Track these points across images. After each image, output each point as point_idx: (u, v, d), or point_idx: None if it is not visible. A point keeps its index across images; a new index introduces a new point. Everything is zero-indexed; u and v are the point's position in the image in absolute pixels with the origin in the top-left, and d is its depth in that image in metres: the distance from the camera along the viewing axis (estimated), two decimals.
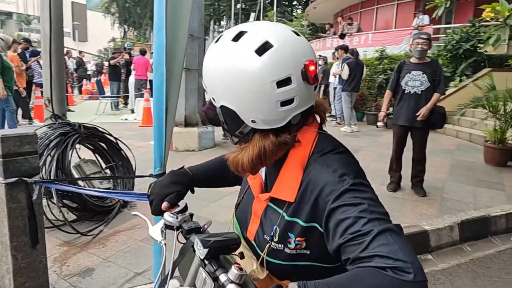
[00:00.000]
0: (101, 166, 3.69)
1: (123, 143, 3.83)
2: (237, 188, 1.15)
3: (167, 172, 2.05)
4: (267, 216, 0.92)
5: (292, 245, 0.86)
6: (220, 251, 0.78)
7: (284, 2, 37.24)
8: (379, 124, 4.58)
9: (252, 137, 0.87)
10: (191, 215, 0.95)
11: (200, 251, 0.76)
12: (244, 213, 1.02)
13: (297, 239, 0.85)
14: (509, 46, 8.33)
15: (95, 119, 8.92)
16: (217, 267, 0.75)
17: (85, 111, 10.63)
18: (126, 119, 9.78)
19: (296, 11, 37.45)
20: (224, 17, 37.17)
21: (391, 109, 4.57)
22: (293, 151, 0.88)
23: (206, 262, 0.76)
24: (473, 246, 3.43)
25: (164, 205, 0.98)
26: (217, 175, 1.17)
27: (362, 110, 9.63)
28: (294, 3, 39.07)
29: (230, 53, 0.81)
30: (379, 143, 6.96)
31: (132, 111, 10.55)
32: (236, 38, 0.81)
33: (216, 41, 0.86)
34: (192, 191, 1.11)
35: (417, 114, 4.00)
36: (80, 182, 3.44)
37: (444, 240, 3.41)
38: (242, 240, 0.96)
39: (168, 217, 0.91)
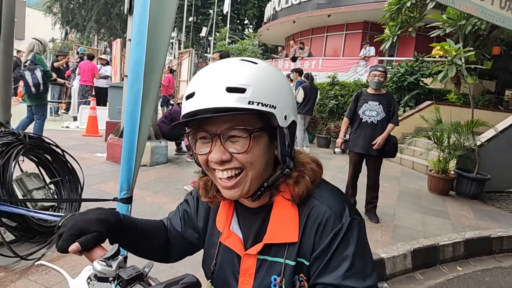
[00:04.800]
0: (45, 180, 3.33)
1: (71, 156, 3.50)
2: None
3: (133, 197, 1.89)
4: (261, 270, 0.84)
5: (297, 285, 0.82)
6: None
7: (236, 20, 37.77)
8: (336, 150, 4.67)
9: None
10: (125, 258, 0.75)
11: None
12: (224, 279, 0.91)
13: (301, 275, 0.82)
14: (446, 82, 9.06)
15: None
16: None
17: (21, 115, 9.73)
18: (67, 127, 9.12)
19: (248, 30, 38.19)
20: (175, 28, 36.75)
21: (347, 135, 4.69)
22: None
23: None
24: (424, 274, 3.54)
25: (73, 248, 0.78)
26: (148, 234, 1.00)
27: (313, 133, 9.87)
28: (246, 22, 39.80)
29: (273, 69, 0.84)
30: (331, 166, 7.11)
31: (75, 118, 9.89)
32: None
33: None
34: (112, 241, 0.86)
35: (373, 143, 4.15)
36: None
37: (398, 268, 3.48)
38: None
39: (98, 266, 0.72)
